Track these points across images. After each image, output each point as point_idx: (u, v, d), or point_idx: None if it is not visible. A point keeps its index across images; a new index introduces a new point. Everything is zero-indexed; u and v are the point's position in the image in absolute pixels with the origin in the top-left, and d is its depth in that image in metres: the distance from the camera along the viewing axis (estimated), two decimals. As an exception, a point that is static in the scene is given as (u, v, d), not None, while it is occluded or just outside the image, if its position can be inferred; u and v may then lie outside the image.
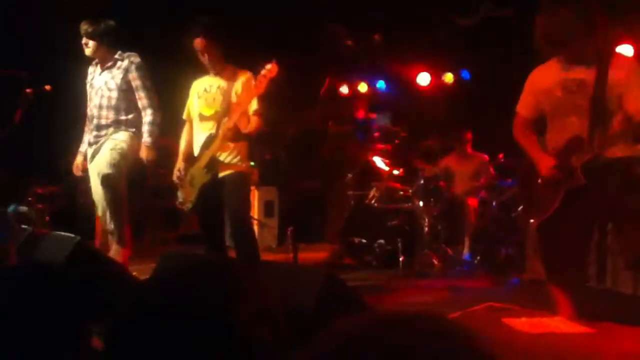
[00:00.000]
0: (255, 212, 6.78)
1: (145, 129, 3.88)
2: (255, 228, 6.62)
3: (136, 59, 3.94)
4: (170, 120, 4.16)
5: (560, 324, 2.20)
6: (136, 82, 3.91)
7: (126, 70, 3.90)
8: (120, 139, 3.89)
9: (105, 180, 3.74)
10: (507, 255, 5.46)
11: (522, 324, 2.15)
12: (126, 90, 3.91)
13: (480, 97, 6.73)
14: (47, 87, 4.57)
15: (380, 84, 7.97)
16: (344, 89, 8.05)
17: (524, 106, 2.88)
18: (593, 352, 1.88)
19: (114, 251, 3.83)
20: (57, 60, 5.48)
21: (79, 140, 4.14)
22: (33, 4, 5.73)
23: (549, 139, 2.77)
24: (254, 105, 3.64)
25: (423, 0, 6.20)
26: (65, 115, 4.68)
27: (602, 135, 2.51)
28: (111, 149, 3.82)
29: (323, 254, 5.96)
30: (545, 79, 2.75)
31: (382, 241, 5.54)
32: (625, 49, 5.30)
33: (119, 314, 1.02)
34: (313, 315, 1.73)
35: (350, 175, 6.53)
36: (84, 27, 3.88)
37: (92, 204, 3.99)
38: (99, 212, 3.91)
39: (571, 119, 2.62)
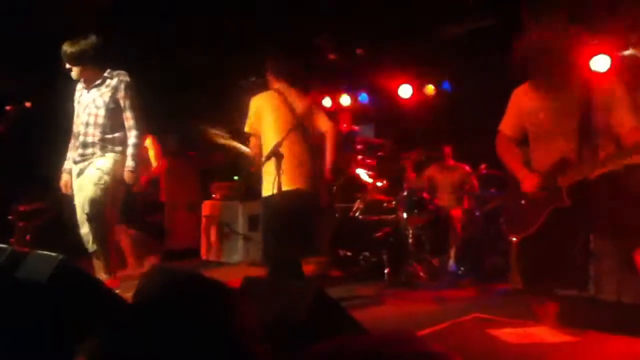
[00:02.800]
0: (240, 226, 6.76)
1: (129, 152, 3.87)
2: (241, 242, 6.63)
3: (125, 77, 3.92)
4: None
5: (545, 333, 2.22)
6: (125, 102, 3.90)
7: (115, 89, 3.89)
8: (104, 169, 3.84)
9: (90, 216, 3.76)
10: (493, 265, 5.50)
11: (508, 334, 2.16)
12: (114, 109, 3.89)
13: (462, 108, 6.81)
14: (27, 104, 4.53)
15: (363, 97, 8.02)
16: (327, 102, 8.08)
17: (508, 125, 2.89)
18: (578, 361, 1.90)
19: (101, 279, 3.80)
20: (38, 76, 5.44)
21: (64, 157, 4.10)
22: (14, 19, 5.69)
23: (534, 160, 2.78)
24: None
25: (405, 12, 6.27)
26: (47, 132, 4.64)
27: (590, 156, 2.53)
28: (95, 184, 3.79)
29: (309, 267, 5.95)
30: (529, 101, 2.76)
31: (367, 253, 5.55)
32: (601, 60, 5.41)
33: (103, 333, 1.01)
34: (302, 330, 1.73)
35: (334, 188, 6.54)
36: (65, 49, 3.83)
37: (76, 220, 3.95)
38: (81, 230, 3.88)
39: (556, 141, 2.64)
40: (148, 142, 6.07)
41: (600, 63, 5.39)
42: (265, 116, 3.82)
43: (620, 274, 4.10)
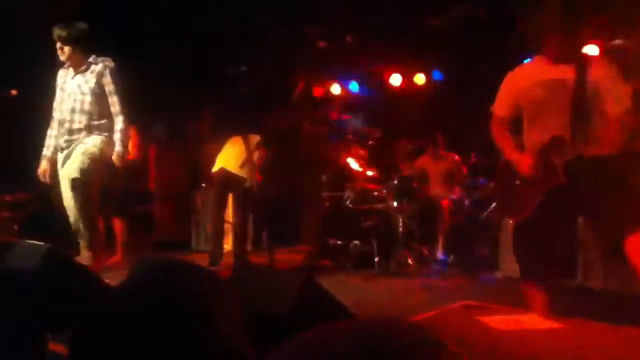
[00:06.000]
0: (230, 215, 6.74)
1: (117, 137, 3.86)
2: (231, 231, 6.61)
3: (111, 63, 3.90)
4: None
5: (534, 320, 2.24)
6: (109, 87, 3.88)
7: (100, 75, 3.87)
8: (91, 143, 3.85)
9: (75, 184, 3.70)
10: (481, 254, 5.54)
11: (497, 321, 2.17)
12: (99, 95, 3.87)
13: (452, 97, 6.81)
14: (13, 92, 4.48)
15: (353, 86, 8.00)
16: (317, 91, 8.06)
17: (502, 106, 2.86)
18: (566, 348, 1.92)
19: (84, 258, 3.76)
20: (22, 64, 5.36)
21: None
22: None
23: (528, 138, 2.75)
24: None
25: (395, 1, 6.24)
26: (33, 120, 4.58)
27: (583, 133, 2.53)
28: (82, 153, 3.79)
29: (299, 257, 5.96)
30: (525, 79, 2.74)
31: (357, 242, 5.57)
32: (590, 50, 5.43)
33: (87, 321, 1.00)
34: (290, 319, 1.73)
35: (324, 177, 6.54)
36: (57, 32, 3.82)
37: (64, 211, 3.90)
38: (71, 219, 3.84)
39: (552, 118, 2.61)
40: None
41: (590, 52, 5.40)
42: (228, 144, 5.74)
43: (606, 262, 4.16)
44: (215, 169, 5.69)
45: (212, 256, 5.52)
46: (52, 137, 4.00)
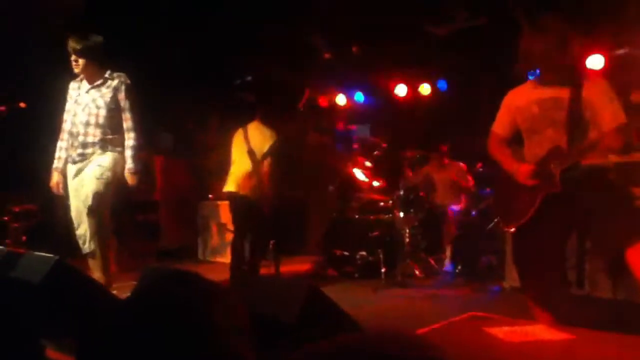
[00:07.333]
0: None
1: (128, 154, 3.89)
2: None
3: (127, 80, 3.95)
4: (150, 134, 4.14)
5: (541, 331, 2.22)
6: (125, 103, 3.91)
7: (116, 90, 3.91)
8: (105, 165, 3.86)
9: (91, 212, 3.76)
10: (488, 264, 5.51)
11: (504, 332, 2.16)
12: (114, 110, 3.91)
13: (458, 106, 6.82)
14: (22, 104, 4.52)
15: (359, 96, 8.02)
16: (323, 101, 8.09)
17: (500, 125, 2.95)
18: (574, 358, 1.91)
19: (97, 279, 3.78)
20: (31, 76, 5.42)
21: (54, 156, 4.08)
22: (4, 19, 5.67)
23: (527, 153, 2.83)
24: None
25: (399, 11, 6.27)
26: (41, 132, 4.61)
27: (579, 144, 2.58)
28: (97, 178, 3.81)
29: (305, 266, 5.96)
30: (521, 99, 2.84)
31: (363, 252, 5.56)
32: (596, 59, 5.43)
33: (93, 333, 1.00)
34: (296, 328, 1.73)
35: (331, 188, 6.55)
36: (72, 44, 3.84)
37: (71, 221, 3.93)
38: (78, 231, 3.86)
39: (548, 132, 2.70)
40: None
41: (595, 62, 5.41)
42: (234, 149, 5.34)
43: (615, 272, 4.13)
44: (225, 189, 5.47)
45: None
46: (63, 149, 4.02)
